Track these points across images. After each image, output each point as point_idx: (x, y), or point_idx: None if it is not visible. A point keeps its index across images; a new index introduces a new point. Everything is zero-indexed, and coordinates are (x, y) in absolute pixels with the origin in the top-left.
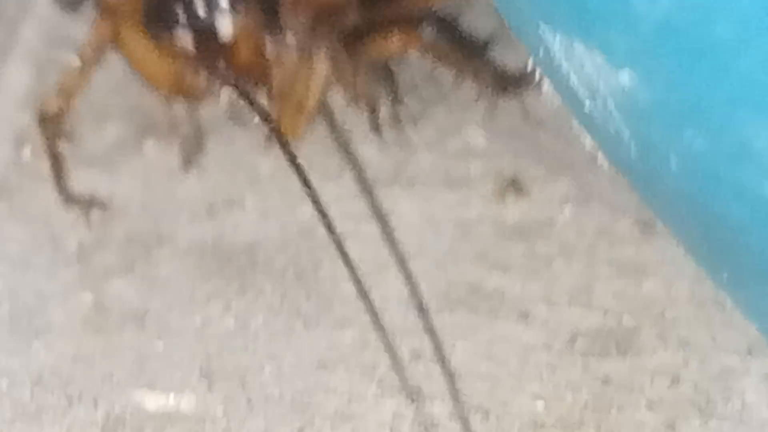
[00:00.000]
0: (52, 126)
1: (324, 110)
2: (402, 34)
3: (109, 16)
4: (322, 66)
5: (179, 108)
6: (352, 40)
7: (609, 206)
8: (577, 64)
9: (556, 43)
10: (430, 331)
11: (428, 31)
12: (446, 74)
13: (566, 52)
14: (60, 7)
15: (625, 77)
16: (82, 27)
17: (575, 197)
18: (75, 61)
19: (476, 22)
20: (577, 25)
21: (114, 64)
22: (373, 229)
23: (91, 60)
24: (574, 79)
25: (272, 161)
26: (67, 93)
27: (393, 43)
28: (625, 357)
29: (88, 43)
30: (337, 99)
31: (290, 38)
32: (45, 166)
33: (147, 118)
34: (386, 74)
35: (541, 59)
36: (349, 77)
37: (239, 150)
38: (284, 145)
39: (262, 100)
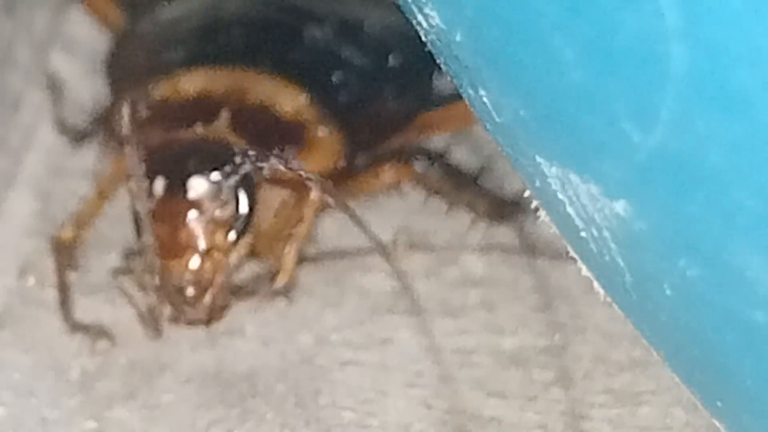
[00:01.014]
0: (65, 255)
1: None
2: (394, 167)
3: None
4: (312, 198)
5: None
6: (344, 179)
7: (605, 334)
8: (573, 195)
9: (551, 174)
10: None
11: (419, 164)
12: (441, 204)
13: (562, 183)
14: (66, 139)
15: (619, 207)
16: (84, 158)
17: (572, 325)
18: (92, 192)
19: (471, 153)
20: (572, 158)
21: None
22: (372, 356)
23: (107, 191)
24: (569, 209)
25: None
26: (82, 222)
27: (385, 176)
28: None
29: (107, 175)
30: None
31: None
32: (50, 294)
33: None
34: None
35: (537, 189)
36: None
37: None
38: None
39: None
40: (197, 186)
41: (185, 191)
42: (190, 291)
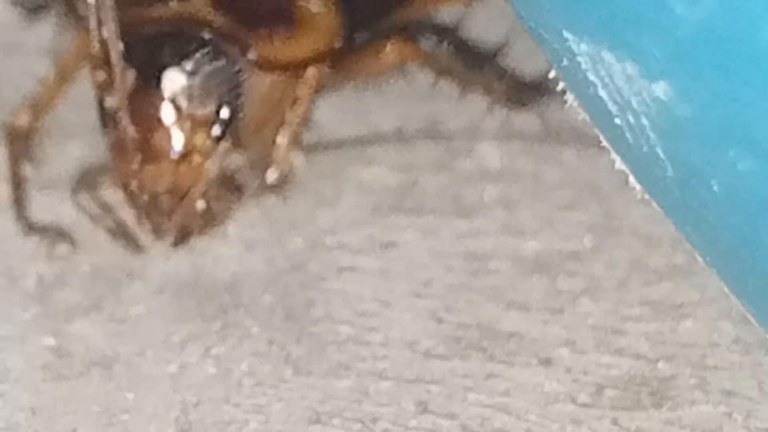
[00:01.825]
0: (19, 144)
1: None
2: (397, 45)
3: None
4: (308, 76)
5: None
6: (343, 58)
7: (642, 237)
8: (606, 76)
9: (581, 51)
10: None
11: (427, 41)
12: (452, 87)
13: (593, 62)
14: (20, 12)
15: (660, 90)
16: (41, 34)
17: (604, 227)
18: (50, 73)
19: (487, 27)
20: (606, 32)
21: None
22: (373, 262)
23: (68, 72)
24: (602, 92)
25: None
26: (39, 107)
27: (388, 56)
28: (660, 409)
29: (69, 55)
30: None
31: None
32: (2, 190)
33: None
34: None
35: (564, 69)
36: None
37: None
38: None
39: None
40: (174, 79)
41: (159, 85)
42: (167, 200)
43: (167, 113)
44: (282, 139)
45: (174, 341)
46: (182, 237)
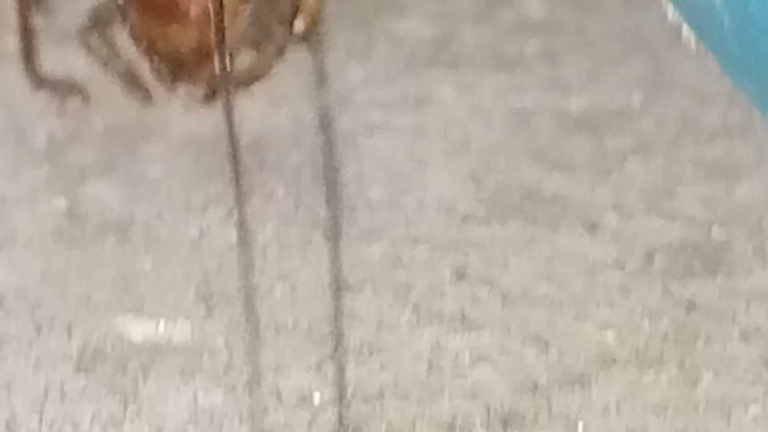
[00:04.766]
0: None
1: None
2: None
3: None
4: None
5: None
6: None
7: (695, 93)
8: None
9: None
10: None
11: None
12: None
13: None
14: None
15: None
16: None
17: (654, 82)
18: None
19: None
20: None
21: None
22: (407, 119)
23: None
24: None
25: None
26: None
27: None
28: (714, 278)
29: None
30: None
31: None
32: (10, 42)
33: None
34: None
35: None
36: None
37: None
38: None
39: None
40: None
41: None
42: (192, 60)
43: None
44: None
45: (194, 203)
46: (209, 96)
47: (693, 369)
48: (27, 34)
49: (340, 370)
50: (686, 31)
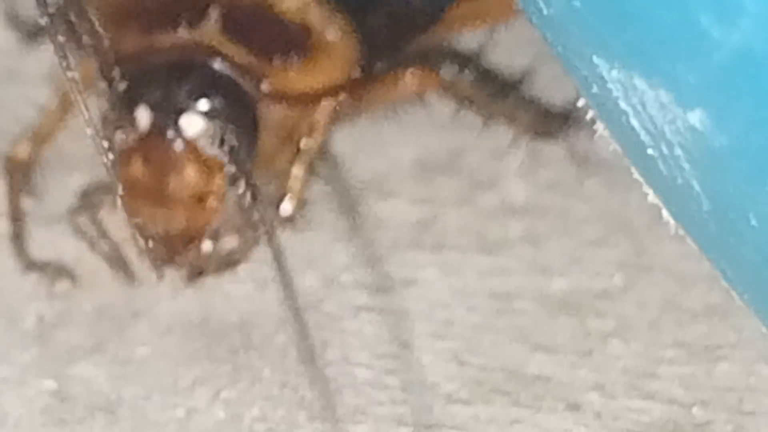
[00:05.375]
0: (19, 177)
1: (329, 159)
2: (417, 73)
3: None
4: (325, 105)
5: None
6: (360, 87)
7: (675, 275)
8: (638, 104)
9: (612, 78)
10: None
11: (448, 69)
12: (475, 118)
13: (625, 90)
14: (19, 37)
15: (695, 119)
16: (42, 60)
17: (635, 264)
18: (51, 102)
19: (512, 53)
20: (638, 58)
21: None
22: (392, 301)
23: (71, 103)
24: (634, 121)
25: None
26: (39, 138)
27: (407, 84)
28: None
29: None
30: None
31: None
32: (0, 224)
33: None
34: None
35: (594, 97)
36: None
37: None
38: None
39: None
40: (191, 123)
41: (176, 128)
42: (179, 241)
43: (183, 156)
44: (297, 170)
45: (182, 384)
46: (194, 276)
47: None
48: (17, 217)
49: None
50: (666, 214)
